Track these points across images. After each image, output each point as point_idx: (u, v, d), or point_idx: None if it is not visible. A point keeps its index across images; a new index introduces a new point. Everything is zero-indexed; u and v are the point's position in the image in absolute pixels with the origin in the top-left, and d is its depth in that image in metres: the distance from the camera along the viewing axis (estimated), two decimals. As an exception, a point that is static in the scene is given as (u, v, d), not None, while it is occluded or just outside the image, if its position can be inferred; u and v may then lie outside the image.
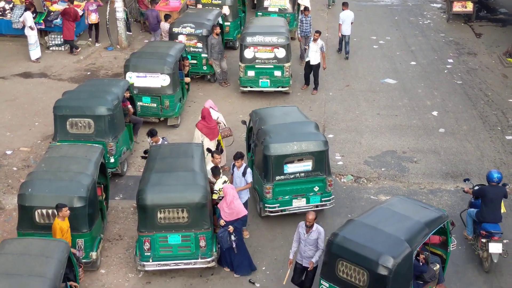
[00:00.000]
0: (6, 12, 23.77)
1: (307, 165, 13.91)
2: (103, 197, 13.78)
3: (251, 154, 15.39)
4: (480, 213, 13.02)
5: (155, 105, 17.72)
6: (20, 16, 22.85)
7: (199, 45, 20.66)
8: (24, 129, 18.08)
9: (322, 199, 14.21)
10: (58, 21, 23.17)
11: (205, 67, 20.84)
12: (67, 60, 22.94)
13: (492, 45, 25.17)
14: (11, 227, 13.77)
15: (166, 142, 14.98)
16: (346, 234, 10.82)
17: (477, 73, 22.41)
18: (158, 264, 12.37)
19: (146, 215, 12.15)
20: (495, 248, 12.62)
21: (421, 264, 11.21)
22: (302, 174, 13.97)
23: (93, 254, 12.38)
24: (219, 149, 15.29)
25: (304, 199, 14.10)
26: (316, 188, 14.09)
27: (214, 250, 12.52)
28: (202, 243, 12.31)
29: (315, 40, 19.98)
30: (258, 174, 14.23)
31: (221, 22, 22.15)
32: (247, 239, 13.42)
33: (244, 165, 13.63)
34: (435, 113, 19.23)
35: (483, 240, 12.85)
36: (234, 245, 12.41)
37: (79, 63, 22.81)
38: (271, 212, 14.01)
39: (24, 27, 22.39)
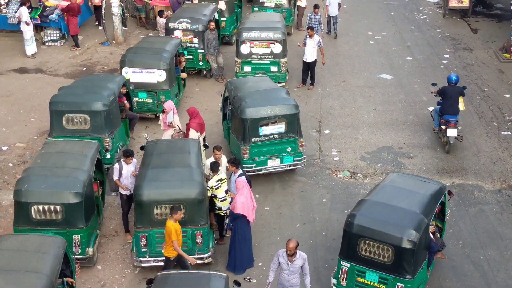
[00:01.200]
0: (2, 7, 23.66)
1: (280, 127, 15.10)
2: (99, 193, 13.75)
3: (227, 122, 16.38)
4: (442, 107, 16.75)
5: (151, 100, 17.69)
6: (16, 11, 22.77)
7: (195, 40, 20.63)
8: (20, 125, 18.03)
9: (295, 159, 15.36)
10: (54, 16, 23.10)
11: (201, 63, 20.81)
12: (62, 56, 22.89)
13: (488, 40, 25.19)
14: (7, 223, 13.74)
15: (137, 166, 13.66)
16: (364, 213, 11.20)
17: (473, 68, 22.43)
18: (155, 260, 12.34)
19: (143, 211, 12.14)
20: (451, 132, 16.33)
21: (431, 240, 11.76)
22: (276, 136, 15.14)
23: (90, 250, 12.35)
24: (206, 143, 15.48)
25: (278, 159, 15.25)
26: (289, 149, 15.23)
27: (210, 246, 12.52)
28: (199, 239, 12.31)
29: (310, 36, 19.97)
30: (235, 137, 15.33)
31: (217, 17, 22.13)
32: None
33: (240, 171, 13.40)
34: (431, 108, 19.20)
35: (443, 127, 16.55)
36: (225, 227, 12.88)
37: (75, 59, 22.76)
38: (249, 172, 14.72)
39: (19, 22, 22.32)
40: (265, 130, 15.00)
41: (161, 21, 22.77)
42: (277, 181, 15.70)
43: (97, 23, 25.32)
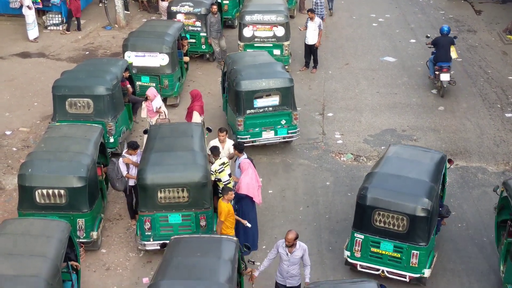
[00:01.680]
0: (4, -9, 23.63)
1: (275, 100, 15.44)
2: (103, 177, 13.78)
3: (225, 95, 16.68)
4: (435, 56, 18.54)
5: (154, 84, 17.64)
6: (18, -4, 22.72)
7: (198, 24, 20.54)
8: (23, 109, 18.04)
9: (289, 131, 15.71)
10: (56, 0, 23.02)
11: (204, 46, 20.75)
12: (65, 40, 22.84)
13: (492, 22, 25.05)
14: (11, 207, 13.80)
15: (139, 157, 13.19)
16: (376, 185, 11.45)
17: (477, 50, 22.33)
18: (159, 243, 12.39)
19: (147, 195, 12.16)
20: (444, 77, 18.13)
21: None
22: (270, 108, 15.50)
23: (94, 234, 12.40)
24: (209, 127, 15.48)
25: (273, 131, 15.63)
26: (283, 121, 15.59)
27: (214, 230, 12.54)
28: (203, 222, 12.33)
29: (311, 19, 19.88)
30: (231, 109, 15.76)
31: (219, 0, 22.01)
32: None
33: (244, 156, 13.25)
34: (434, 91, 19.18)
35: (437, 73, 18.35)
36: None
37: (77, 43, 22.71)
38: (243, 142, 14.71)
39: (21, 6, 22.24)
40: (259, 103, 15.35)
41: (163, 4, 22.68)
42: (280, 165, 15.71)
43: (100, 4, 25.21)
